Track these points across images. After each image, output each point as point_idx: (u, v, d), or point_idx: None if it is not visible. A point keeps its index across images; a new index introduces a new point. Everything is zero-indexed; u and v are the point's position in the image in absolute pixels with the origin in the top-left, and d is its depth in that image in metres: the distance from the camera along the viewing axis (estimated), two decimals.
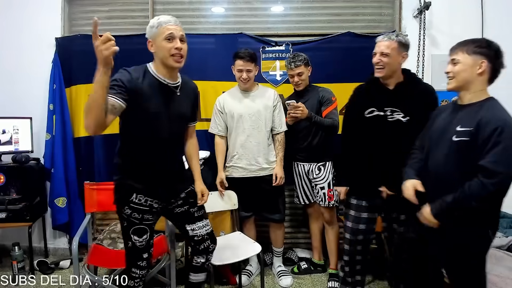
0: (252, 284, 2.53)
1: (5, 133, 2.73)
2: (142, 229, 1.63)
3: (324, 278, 2.59)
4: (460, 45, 1.51)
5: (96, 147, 2.89)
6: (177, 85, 1.64)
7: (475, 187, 1.36)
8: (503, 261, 1.94)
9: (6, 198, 2.59)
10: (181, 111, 1.66)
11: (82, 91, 2.86)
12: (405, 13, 2.88)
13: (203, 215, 1.81)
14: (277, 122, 2.42)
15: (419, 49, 2.81)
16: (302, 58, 2.38)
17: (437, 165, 1.51)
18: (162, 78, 1.59)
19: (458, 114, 1.50)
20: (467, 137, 1.40)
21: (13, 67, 2.92)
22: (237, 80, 2.39)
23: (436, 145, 1.54)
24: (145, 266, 1.70)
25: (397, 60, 1.84)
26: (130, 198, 1.59)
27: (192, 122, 1.83)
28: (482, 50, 1.45)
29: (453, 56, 1.51)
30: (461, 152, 1.42)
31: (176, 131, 1.66)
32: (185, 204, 1.75)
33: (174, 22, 1.56)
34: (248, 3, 2.99)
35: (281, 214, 2.48)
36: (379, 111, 1.87)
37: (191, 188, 1.79)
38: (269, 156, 2.41)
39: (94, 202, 2.27)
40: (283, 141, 2.44)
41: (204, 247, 1.78)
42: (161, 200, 1.67)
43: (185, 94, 1.68)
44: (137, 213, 1.61)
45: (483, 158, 1.36)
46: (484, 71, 1.45)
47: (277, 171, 2.39)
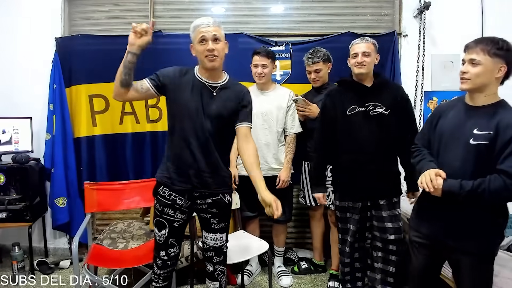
0: (252, 284, 2.53)
1: (5, 133, 2.73)
2: (161, 222, 1.66)
3: (324, 278, 2.59)
4: (480, 44, 1.42)
5: (96, 147, 2.89)
6: (216, 85, 1.65)
7: (497, 183, 1.35)
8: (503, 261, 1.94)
9: (6, 198, 2.59)
10: (215, 110, 1.62)
11: (82, 91, 2.86)
12: (405, 13, 2.89)
13: (220, 229, 1.74)
14: (289, 123, 2.41)
15: (419, 49, 2.81)
16: (321, 54, 2.37)
17: (451, 166, 1.46)
18: (201, 77, 1.64)
19: (472, 115, 1.47)
20: (486, 141, 1.39)
21: (13, 67, 2.92)
22: (253, 76, 2.40)
23: (448, 146, 1.51)
24: (161, 266, 1.71)
25: (374, 61, 2.00)
26: (158, 190, 1.68)
27: (241, 123, 1.67)
28: (503, 53, 1.40)
29: (472, 55, 1.43)
30: (479, 155, 1.41)
31: (210, 130, 1.61)
32: (208, 213, 1.71)
33: (207, 23, 1.58)
34: (248, 3, 2.99)
35: (285, 215, 2.47)
36: (360, 107, 1.97)
37: (220, 198, 1.71)
38: (280, 157, 2.41)
39: (94, 202, 2.27)
40: (292, 143, 2.42)
41: (208, 255, 1.77)
42: (185, 198, 1.65)
43: (225, 95, 1.65)
44: (159, 205, 1.67)
45: (503, 162, 1.36)
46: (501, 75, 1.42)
47: (282, 174, 2.38)
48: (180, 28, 2.93)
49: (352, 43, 2.02)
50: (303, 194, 2.58)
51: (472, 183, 1.38)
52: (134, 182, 2.44)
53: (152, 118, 2.91)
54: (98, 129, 2.90)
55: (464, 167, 1.44)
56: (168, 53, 2.75)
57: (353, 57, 1.99)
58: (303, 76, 2.63)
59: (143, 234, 2.48)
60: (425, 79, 2.79)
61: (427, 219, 1.59)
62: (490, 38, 1.44)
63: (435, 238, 1.56)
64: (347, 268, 2.12)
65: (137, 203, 2.37)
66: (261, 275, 2.65)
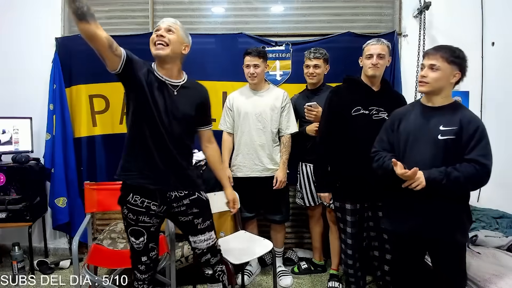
0: (252, 284, 2.53)
1: (5, 133, 2.73)
2: (138, 231, 1.60)
3: (324, 278, 2.59)
4: (439, 51, 1.57)
5: (97, 147, 2.90)
6: (176, 84, 1.61)
7: (469, 169, 1.50)
8: (503, 261, 1.94)
9: (6, 198, 2.58)
10: (178, 108, 1.59)
11: (82, 91, 2.86)
12: (405, 13, 2.89)
13: (207, 227, 1.72)
14: (284, 123, 2.41)
15: (419, 49, 2.81)
16: (323, 53, 2.41)
17: (421, 162, 1.56)
18: (160, 75, 1.58)
19: (433, 115, 1.61)
20: (452, 136, 1.54)
21: (13, 67, 2.92)
22: (246, 77, 2.39)
23: (414, 145, 1.62)
24: (144, 270, 1.66)
25: (386, 63, 2.01)
26: (127, 198, 1.59)
27: (203, 126, 1.77)
28: (459, 61, 1.56)
29: (432, 61, 1.57)
30: (447, 149, 1.55)
31: (174, 129, 1.57)
32: (189, 214, 1.67)
33: (166, 20, 1.58)
34: (248, 3, 2.99)
35: (282, 215, 2.48)
36: (365, 109, 1.98)
37: (197, 196, 1.69)
38: (275, 157, 2.41)
39: (94, 202, 2.26)
40: (288, 144, 2.41)
41: (205, 260, 1.73)
42: (159, 203, 1.60)
43: (186, 94, 1.63)
44: (132, 213, 1.58)
45: (471, 152, 1.52)
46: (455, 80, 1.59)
47: (278, 174, 2.37)
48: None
49: (367, 43, 2.01)
50: (301, 195, 2.57)
51: (445, 168, 1.52)
52: None
53: None
54: (98, 129, 2.90)
55: (434, 162, 1.56)
56: None
57: (367, 58, 1.98)
58: (303, 76, 2.63)
59: None
60: None
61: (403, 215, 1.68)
62: (448, 46, 1.59)
63: (413, 232, 1.65)
64: (350, 270, 2.14)
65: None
66: (261, 275, 2.65)
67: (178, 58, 1.61)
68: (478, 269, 1.85)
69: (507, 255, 2.00)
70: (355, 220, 2.06)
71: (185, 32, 1.63)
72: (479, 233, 2.18)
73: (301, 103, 2.45)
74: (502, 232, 2.23)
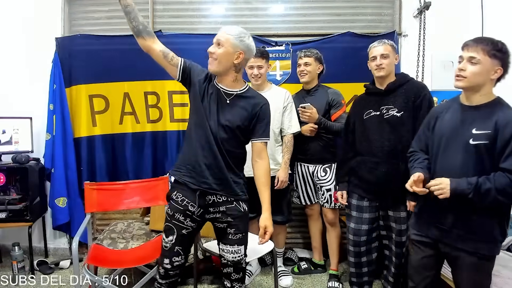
0: (252, 284, 2.53)
1: (5, 133, 2.73)
2: (170, 227, 1.63)
3: (324, 278, 2.59)
4: (480, 44, 1.42)
5: (97, 147, 2.89)
6: (231, 93, 1.63)
7: (502, 180, 1.34)
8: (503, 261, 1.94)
9: (6, 198, 2.58)
10: (224, 117, 1.60)
11: (82, 91, 2.86)
12: (405, 13, 2.89)
13: (237, 241, 1.67)
14: (286, 123, 2.40)
15: (419, 49, 2.81)
16: (315, 52, 2.43)
17: (451, 168, 1.46)
18: (218, 84, 1.65)
19: (469, 115, 1.46)
20: (485, 140, 1.38)
21: (13, 67, 2.91)
22: (249, 77, 2.39)
23: (447, 148, 1.50)
24: (163, 275, 1.65)
25: (393, 62, 2.01)
26: (171, 194, 1.66)
27: (255, 138, 1.68)
28: (501, 56, 1.41)
29: (472, 53, 1.41)
30: (480, 155, 1.40)
31: (219, 136, 1.59)
32: (224, 222, 1.66)
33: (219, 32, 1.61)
34: (248, 3, 2.99)
35: (284, 215, 2.47)
36: (376, 111, 2.01)
37: (235, 205, 1.66)
38: (277, 157, 2.40)
39: (94, 202, 2.27)
40: (290, 144, 2.41)
41: (226, 272, 1.70)
42: (197, 204, 1.62)
43: (239, 104, 1.63)
44: (171, 209, 1.64)
45: (506, 160, 1.35)
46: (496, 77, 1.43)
47: (280, 174, 2.37)
48: (180, 28, 2.94)
49: (370, 47, 2.03)
50: (297, 194, 2.59)
51: (477, 179, 1.37)
52: (134, 182, 2.44)
53: (152, 118, 2.91)
54: (98, 129, 2.90)
55: (465, 168, 1.42)
56: None
57: (372, 60, 2.01)
58: None
59: (143, 234, 2.47)
60: (425, 79, 2.78)
61: (428, 222, 1.57)
62: (490, 39, 1.44)
63: (436, 238, 1.54)
64: (352, 269, 2.14)
65: (137, 203, 2.37)
66: (261, 275, 2.65)
67: (231, 69, 1.60)
68: None
69: (507, 255, 2.00)
70: (360, 216, 2.05)
71: (239, 38, 1.57)
72: None
73: (296, 102, 2.46)
74: None
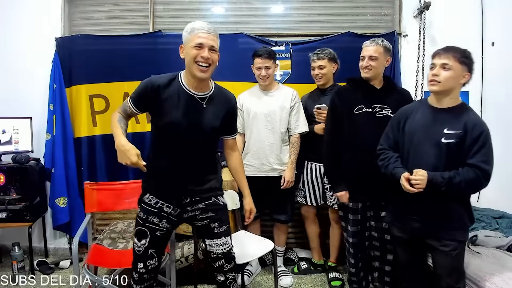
0: (252, 284, 2.53)
1: (5, 133, 2.73)
2: (142, 231, 1.58)
3: (324, 278, 2.59)
4: (451, 51, 1.56)
5: (97, 147, 2.90)
6: (204, 96, 1.59)
7: (471, 174, 1.52)
8: (503, 261, 1.94)
9: (6, 198, 2.58)
10: (205, 123, 1.58)
11: (82, 91, 2.86)
12: (405, 13, 2.89)
13: (223, 232, 1.69)
14: (292, 123, 2.40)
15: (419, 49, 2.81)
16: (328, 52, 2.39)
17: (424, 164, 1.58)
18: (188, 88, 1.56)
19: (439, 117, 1.61)
20: (455, 139, 1.55)
21: (13, 67, 2.91)
22: (257, 78, 2.40)
23: (419, 145, 1.63)
24: (137, 280, 1.60)
25: (383, 63, 2.00)
26: (143, 197, 1.63)
27: (229, 135, 1.75)
28: (468, 62, 1.57)
29: (444, 60, 1.56)
30: (450, 153, 1.56)
31: (198, 142, 1.58)
32: (205, 218, 1.66)
33: (207, 30, 1.51)
34: (248, 3, 2.99)
35: (287, 215, 2.48)
36: (368, 108, 1.99)
37: (213, 200, 1.67)
38: (283, 157, 2.40)
39: (94, 202, 2.26)
40: (297, 144, 2.41)
41: (218, 265, 1.69)
42: (173, 205, 1.60)
43: (214, 106, 1.61)
44: (143, 212, 1.60)
45: (473, 157, 1.53)
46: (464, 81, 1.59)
47: (286, 174, 2.37)
48: (180, 28, 2.87)
49: (363, 45, 2.03)
50: (304, 193, 2.56)
51: (449, 173, 1.54)
52: (134, 182, 2.43)
53: None
54: (98, 129, 2.90)
55: (437, 164, 1.58)
56: (168, 53, 2.74)
57: (361, 59, 2.01)
58: (303, 76, 2.63)
59: None
60: (425, 79, 2.78)
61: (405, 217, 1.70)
62: (457, 47, 1.59)
63: (414, 232, 1.68)
64: (352, 269, 2.15)
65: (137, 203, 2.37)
66: (261, 275, 2.65)
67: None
68: (478, 269, 1.85)
69: (507, 255, 2.00)
70: (357, 219, 2.07)
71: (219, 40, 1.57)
72: (479, 233, 2.18)
73: (310, 102, 2.46)
74: (502, 232, 2.23)
